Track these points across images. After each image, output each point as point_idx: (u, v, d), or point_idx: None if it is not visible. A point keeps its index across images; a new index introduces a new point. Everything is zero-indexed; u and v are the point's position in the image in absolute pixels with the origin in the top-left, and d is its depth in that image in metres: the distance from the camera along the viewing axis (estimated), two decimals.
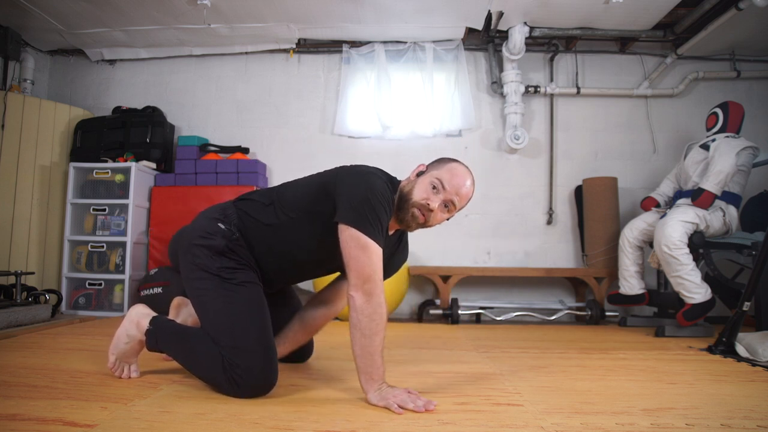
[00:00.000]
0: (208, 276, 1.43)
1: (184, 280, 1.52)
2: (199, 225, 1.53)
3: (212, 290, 1.42)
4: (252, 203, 1.54)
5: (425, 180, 1.44)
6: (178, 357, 1.51)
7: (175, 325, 1.54)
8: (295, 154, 3.96)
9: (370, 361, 1.29)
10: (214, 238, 1.46)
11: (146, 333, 1.48)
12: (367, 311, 1.29)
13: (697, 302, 2.69)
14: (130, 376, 1.54)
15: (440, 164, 1.48)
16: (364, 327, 1.28)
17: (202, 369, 1.45)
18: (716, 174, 2.80)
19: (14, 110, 3.43)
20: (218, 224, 1.49)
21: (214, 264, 1.44)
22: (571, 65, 3.94)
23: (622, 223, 3.44)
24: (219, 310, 1.40)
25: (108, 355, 1.54)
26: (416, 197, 1.42)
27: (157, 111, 3.83)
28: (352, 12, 3.47)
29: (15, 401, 1.28)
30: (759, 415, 1.29)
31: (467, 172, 1.46)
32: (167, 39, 3.82)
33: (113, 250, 3.46)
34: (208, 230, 1.48)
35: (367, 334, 1.28)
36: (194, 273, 1.46)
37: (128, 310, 1.55)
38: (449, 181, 1.42)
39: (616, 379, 1.71)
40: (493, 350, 2.25)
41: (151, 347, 1.49)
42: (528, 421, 1.22)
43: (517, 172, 3.91)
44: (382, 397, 1.28)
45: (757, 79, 3.87)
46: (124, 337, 1.51)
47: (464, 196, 1.44)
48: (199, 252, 1.46)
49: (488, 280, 3.78)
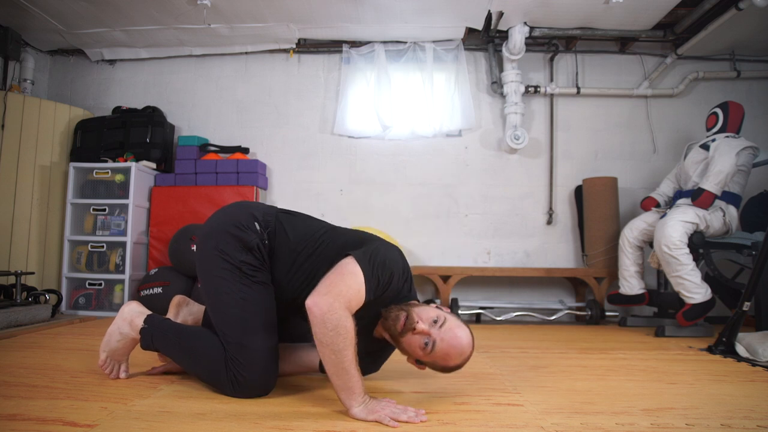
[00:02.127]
0: (228, 266, 1.40)
1: (199, 262, 1.47)
2: (235, 215, 1.48)
3: (230, 280, 1.39)
4: (293, 220, 1.51)
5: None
6: (176, 355, 1.50)
7: (171, 324, 1.52)
8: (295, 154, 3.97)
9: (347, 376, 1.21)
10: (247, 233, 1.42)
11: (141, 331, 1.46)
12: (331, 322, 1.18)
13: (697, 302, 2.69)
14: (119, 376, 1.53)
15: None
16: (331, 342, 1.19)
17: (201, 366, 1.44)
18: (716, 174, 2.80)
19: (14, 110, 3.43)
20: (254, 222, 1.45)
21: (238, 256, 1.40)
22: (571, 65, 3.94)
23: (622, 223, 3.44)
24: (233, 303, 1.38)
25: (99, 352, 1.52)
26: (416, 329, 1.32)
27: (157, 111, 3.83)
28: (352, 12, 3.47)
29: (15, 401, 1.28)
30: (759, 415, 1.29)
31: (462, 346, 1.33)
32: (167, 39, 3.82)
33: (113, 250, 3.46)
34: (243, 223, 1.44)
35: (337, 350, 1.19)
36: (214, 259, 1.42)
37: (121, 308, 1.53)
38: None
39: (616, 379, 1.71)
40: (493, 350, 2.25)
41: (146, 346, 1.47)
42: (528, 421, 1.22)
43: (517, 172, 3.91)
44: (370, 410, 1.20)
45: (757, 79, 3.87)
46: (116, 334, 1.49)
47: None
48: (228, 240, 1.42)
49: (488, 280, 3.78)
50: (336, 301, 1.21)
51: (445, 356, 1.31)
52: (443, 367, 1.36)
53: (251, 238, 1.42)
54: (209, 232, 1.48)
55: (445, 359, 1.32)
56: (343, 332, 1.19)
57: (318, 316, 1.20)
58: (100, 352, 1.52)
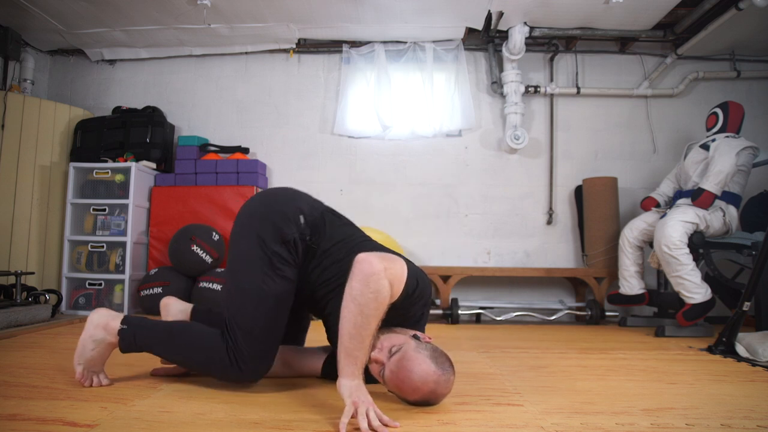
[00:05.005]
0: (260, 252, 1.38)
1: (236, 236, 1.46)
2: (283, 205, 1.46)
3: (256, 267, 1.38)
4: (335, 222, 1.50)
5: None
6: (165, 348, 1.45)
7: (153, 320, 1.47)
8: (295, 154, 3.97)
9: (360, 344, 1.16)
10: (288, 227, 1.41)
11: (119, 332, 1.39)
12: (374, 284, 1.15)
13: (697, 302, 2.69)
14: (101, 384, 1.44)
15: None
16: (364, 303, 1.15)
17: (197, 352, 1.40)
18: (716, 174, 2.80)
19: (14, 110, 3.43)
20: (300, 216, 1.44)
21: (273, 246, 1.38)
22: (571, 65, 3.94)
23: (622, 223, 3.44)
24: (251, 290, 1.37)
25: (74, 366, 1.42)
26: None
27: (157, 111, 3.83)
28: (352, 12, 3.47)
29: (15, 401, 1.28)
30: (759, 415, 1.29)
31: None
32: (167, 39, 3.82)
33: (113, 250, 3.46)
34: (288, 215, 1.43)
35: (366, 313, 1.15)
36: (248, 238, 1.41)
37: (89, 316, 1.43)
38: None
39: (616, 379, 1.71)
40: (493, 350, 2.25)
41: (126, 347, 1.40)
42: (528, 421, 1.22)
43: (517, 172, 3.91)
44: (354, 392, 1.14)
45: (757, 79, 3.87)
46: (89, 343, 1.40)
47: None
48: (269, 228, 1.40)
49: (488, 280, 3.78)
50: (387, 271, 1.18)
51: (397, 389, 1.25)
52: (405, 400, 1.29)
53: (291, 231, 1.41)
54: (254, 212, 1.47)
55: (400, 391, 1.25)
56: (380, 300, 1.16)
57: (366, 272, 1.16)
58: (74, 365, 1.42)
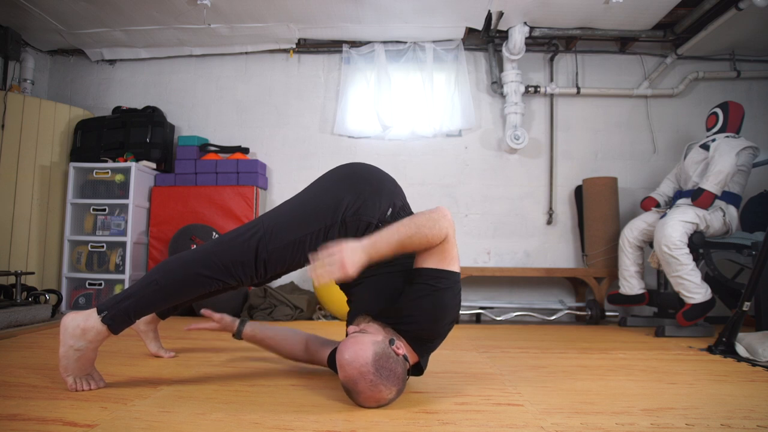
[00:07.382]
0: (331, 213, 1.44)
1: (315, 184, 1.56)
2: (384, 192, 1.52)
3: (316, 220, 1.43)
4: (368, 206, 1.51)
5: None
6: (165, 290, 1.38)
7: (124, 290, 1.42)
8: (295, 154, 3.97)
9: (391, 236, 1.27)
10: (373, 211, 1.47)
11: (104, 320, 1.33)
12: (441, 222, 1.32)
13: (697, 302, 2.69)
14: (98, 386, 1.40)
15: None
16: (423, 222, 1.29)
17: (194, 260, 1.39)
18: (716, 174, 2.80)
19: (14, 110, 3.43)
20: (389, 209, 1.50)
21: (345, 217, 1.45)
22: (571, 65, 3.94)
23: (622, 223, 3.44)
24: (295, 226, 1.43)
25: (63, 379, 1.37)
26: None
27: (157, 111, 3.83)
28: (352, 12, 3.47)
29: (15, 401, 1.28)
30: (759, 415, 1.29)
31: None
32: (167, 39, 3.82)
33: (113, 250, 3.46)
34: (382, 201, 1.49)
35: (420, 224, 1.29)
36: (334, 196, 1.47)
37: (61, 326, 1.34)
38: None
39: (616, 379, 1.71)
40: (493, 350, 2.25)
41: (119, 327, 1.35)
42: (528, 421, 1.22)
43: (517, 172, 3.91)
44: (343, 245, 1.23)
45: (757, 79, 3.87)
46: (72, 352, 1.34)
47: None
48: (356, 201, 1.47)
49: (488, 280, 3.78)
50: (453, 228, 1.38)
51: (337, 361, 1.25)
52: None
53: (368, 218, 1.46)
54: (365, 177, 1.54)
55: (338, 364, 1.24)
56: (435, 230, 1.31)
57: (444, 213, 1.34)
58: (63, 378, 1.37)
